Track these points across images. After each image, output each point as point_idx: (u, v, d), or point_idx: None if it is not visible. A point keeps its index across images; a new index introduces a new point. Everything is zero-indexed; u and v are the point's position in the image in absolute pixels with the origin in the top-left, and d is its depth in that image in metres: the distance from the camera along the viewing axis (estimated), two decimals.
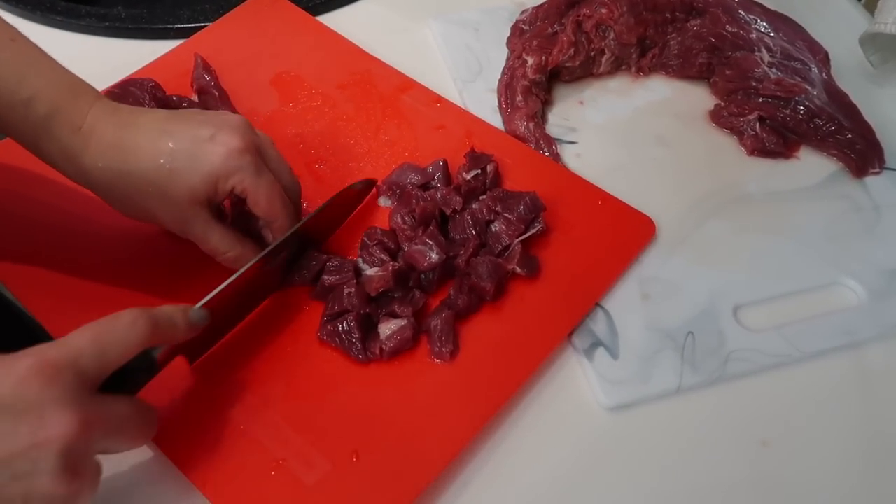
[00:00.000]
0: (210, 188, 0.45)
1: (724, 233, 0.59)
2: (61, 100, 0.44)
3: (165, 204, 0.45)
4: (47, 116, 0.44)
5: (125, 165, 0.44)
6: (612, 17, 0.67)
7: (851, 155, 0.64)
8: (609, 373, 0.51)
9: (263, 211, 0.48)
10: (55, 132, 0.44)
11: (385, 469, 0.45)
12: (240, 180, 0.46)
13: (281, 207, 0.48)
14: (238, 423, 0.46)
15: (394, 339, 0.49)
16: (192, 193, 0.45)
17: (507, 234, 0.53)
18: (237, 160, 0.45)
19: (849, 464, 0.49)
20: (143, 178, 0.44)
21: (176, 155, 0.44)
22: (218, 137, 0.45)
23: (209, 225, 0.47)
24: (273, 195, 0.47)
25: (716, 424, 0.50)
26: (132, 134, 0.45)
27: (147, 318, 0.39)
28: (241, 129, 0.46)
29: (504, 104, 0.65)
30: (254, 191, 0.46)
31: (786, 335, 0.53)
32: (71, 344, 0.36)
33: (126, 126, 0.45)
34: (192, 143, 0.45)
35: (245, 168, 0.45)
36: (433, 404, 0.48)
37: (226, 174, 0.45)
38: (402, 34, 0.73)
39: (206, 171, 0.45)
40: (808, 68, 0.67)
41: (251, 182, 0.46)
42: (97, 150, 0.44)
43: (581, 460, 0.48)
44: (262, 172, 0.47)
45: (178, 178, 0.44)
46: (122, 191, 0.45)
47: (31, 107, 0.43)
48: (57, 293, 0.52)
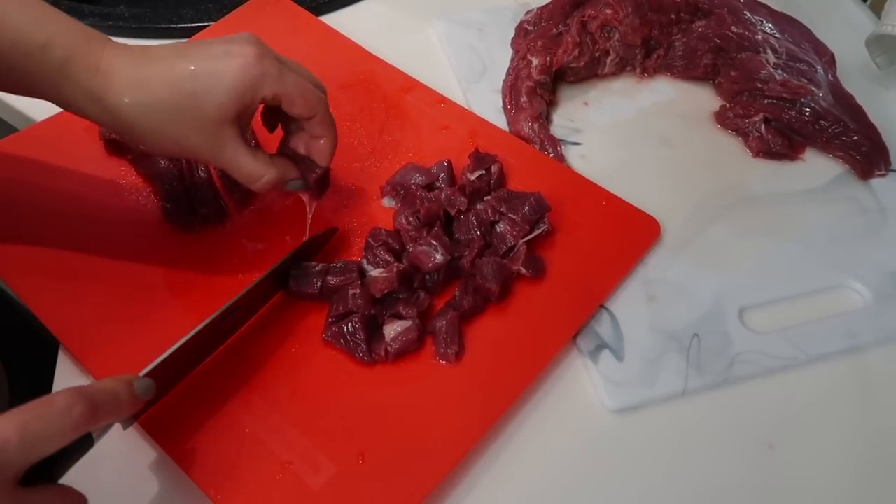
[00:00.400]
0: (238, 102, 0.45)
1: (730, 234, 0.59)
2: (76, 43, 0.44)
3: (195, 128, 0.45)
4: (65, 60, 0.43)
5: (150, 96, 0.44)
6: (616, 18, 0.67)
7: (857, 157, 0.64)
8: (614, 375, 0.51)
9: (300, 107, 0.47)
10: (75, 75, 0.44)
11: (391, 471, 0.45)
12: (268, 86, 0.45)
13: (316, 100, 0.47)
14: (244, 426, 0.46)
15: (399, 341, 0.48)
16: (220, 111, 0.45)
17: (511, 234, 0.53)
18: (258, 67, 0.45)
19: (854, 467, 0.49)
20: (169, 106, 0.44)
21: (197, 76, 0.44)
22: (232, 50, 0.45)
23: (240, 147, 0.47)
24: (306, 89, 0.47)
25: (721, 427, 0.50)
26: (150, 66, 0.44)
27: (85, 401, 0.35)
28: (251, 39, 0.46)
29: (508, 105, 0.65)
30: (285, 91, 0.46)
31: (791, 338, 0.53)
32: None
33: (142, 59, 0.45)
34: (210, 61, 0.44)
35: (268, 72, 0.45)
36: (439, 406, 0.47)
37: (251, 83, 0.45)
38: (406, 34, 0.73)
39: (230, 86, 0.44)
40: (813, 70, 0.66)
41: (279, 84, 0.45)
42: (120, 87, 0.44)
43: (586, 462, 0.48)
44: (285, 73, 0.46)
45: (204, 98, 0.44)
46: (151, 123, 0.45)
47: (49, 52, 0.43)
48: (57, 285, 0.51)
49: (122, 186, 0.57)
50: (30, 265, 0.52)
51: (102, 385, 0.38)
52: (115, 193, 0.57)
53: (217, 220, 0.55)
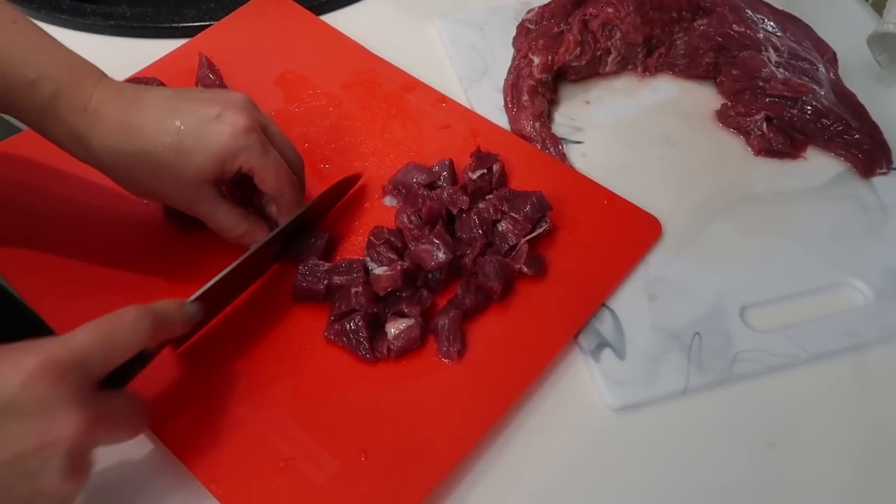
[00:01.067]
0: (217, 167, 0.46)
1: (731, 233, 0.59)
2: (66, 80, 0.44)
3: (173, 183, 0.46)
4: (52, 98, 0.44)
5: (132, 146, 0.45)
6: (618, 17, 0.66)
7: (859, 155, 0.64)
8: (615, 373, 0.51)
9: (271, 187, 0.49)
10: (61, 113, 0.44)
11: (393, 468, 0.45)
12: (247, 159, 0.46)
13: (287, 183, 0.49)
14: (247, 423, 0.46)
15: (401, 339, 0.49)
16: (199, 173, 0.46)
17: (513, 233, 0.53)
18: (244, 139, 0.46)
19: (855, 465, 0.49)
20: (151, 158, 0.45)
21: (183, 135, 0.45)
22: (224, 116, 0.45)
23: (216, 203, 0.48)
24: (280, 172, 0.48)
25: (722, 425, 0.50)
26: (138, 113, 0.45)
27: (150, 316, 0.39)
28: (245, 108, 0.47)
29: (510, 104, 0.65)
30: (261, 168, 0.47)
31: (793, 336, 0.53)
32: (78, 343, 0.36)
33: (132, 105, 0.45)
34: (199, 123, 0.45)
35: (252, 146, 0.46)
36: (441, 404, 0.48)
37: (233, 154, 0.46)
38: (407, 33, 0.73)
39: (213, 151, 0.45)
40: (815, 68, 0.66)
41: (258, 160, 0.47)
42: (104, 131, 0.44)
43: (587, 461, 0.48)
44: (268, 150, 0.47)
45: (186, 157, 0.45)
46: (130, 170, 0.46)
47: (37, 88, 0.43)
48: (59, 285, 0.52)
49: None
50: (33, 266, 0.53)
51: (158, 306, 0.41)
52: (117, 194, 0.57)
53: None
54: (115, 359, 0.38)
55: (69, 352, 0.35)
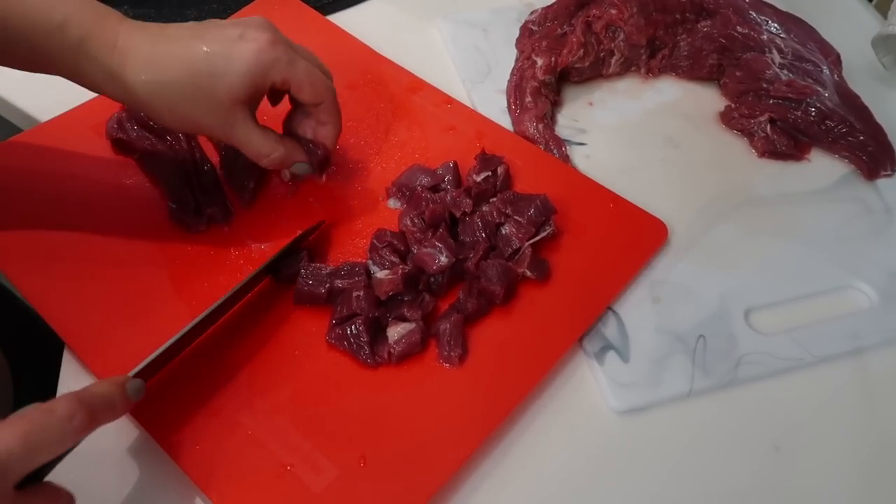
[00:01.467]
0: (249, 84, 0.46)
1: (735, 235, 0.59)
2: (92, 21, 0.45)
3: (208, 108, 0.47)
4: (82, 39, 0.44)
5: (165, 75, 0.45)
6: (621, 18, 0.66)
7: (863, 157, 0.63)
8: (620, 376, 0.50)
9: (308, 94, 0.49)
10: (93, 53, 0.45)
11: (393, 475, 0.45)
12: (278, 71, 0.47)
13: (324, 88, 0.49)
14: (246, 428, 0.46)
15: (402, 343, 0.48)
16: (232, 92, 0.46)
17: (517, 237, 0.53)
18: (271, 53, 0.46)
19: (860, 468, 0.49)
20: (184, 85, 0.46)
21: (212, 58, 0.45)
22: (247, 34, 0.46)
23: (250, 126, 0.49)
24: (314, 77, 0.49)
25: (727, 428, 0.50)
26: (166, 44, 0.46)
27: (85, 410, 0.35)
28: (265, 25, 0.48)
29: (513, 105, 0.65)
30: (295, 77, 0.48)
31: (797, 339, 0.53)
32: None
33: (158, 38, 0.46)
34: (224, 45, 0.46)
35: (280, 58, 0.47)
36: (442, 409, 0.47)
37: (263, 69, 0.46)
38: (411, 34, 0.72)
39: (243, 70, 0.46)
40: (819, 70, 0.66)
41: (289, 70, 0.47)
42: (137, 65, 0.45)
43: (591, 464, 0.48)
44: (296, 59, 0.48)
45: (218, 79, 0.46)
46: (166, 101, 0.46)
47: (66, 31, 0.44)
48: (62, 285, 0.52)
49: (128, 186, 0.57)
50: (35, 264, 0.53)
51: (98, 389, 0.38)
52: (121, 193, 0.57)
53: (222, 220, 0.55)
54: (40, 458, 0.34)
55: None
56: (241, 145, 0.49)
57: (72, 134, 0.59)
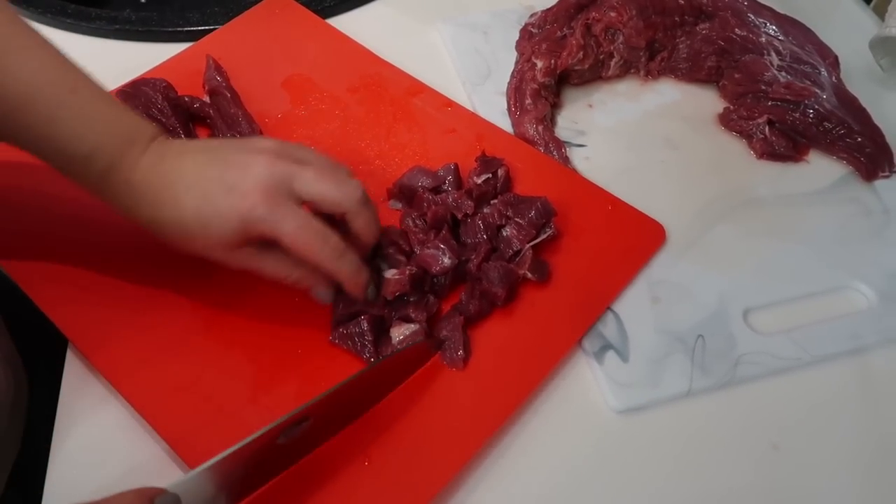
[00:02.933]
0: (240, 237, 0.46)
1: (734, 236, 0.59)
2: (118, 153, 0.45)
3: (211, 246, 0.47)
4: (105, 171, 0.45)
5: (167, 214, 0.45)
6: (621, 21, 0.67)
7: (861, 158, 0.64)
8: (619, 376, 0.51)
9: (300, 255, 0.46)
10: (112, 185, 0.46)
11: (396, 474, 0.45)
12: (265, 229, 0.45)
13: (319, 245, 0.46)
14: (251, 426, 0.46)
15: (406, 344, 0.49)
16: (227, 240, 0.46)
17: (518, 238, 0.53)
18: (256, 211, 0.45)
19: (860, 468, 0.49)
20: (185, 226, 0.46)
21: (203, 209, 0.45)
22: (238, 188, 0.45)
23: (260, 257, 0.48)
24: (304, 236, 0.46)
25: (726, 428, 0.50)
26: (174, 181, 0.46)
27: None
28: (262, 174, 0.45)
29: (513, 107, 0.65)
30: (280, 237, 0.46)
31: (796, 339, 0.53)
32: None
33: (170, 172, 0.46)
34: (217, 196, 0.45)
35: (266, 218, 0.45)
36: (444, 409, 0.48)
37: (250, 225, 0.45)
38: (411, 37, 0.73)
39: (232, 225, 0.45)
40: (817, 72, 0.67)
41: (276, 229, 0.45)
42: (147, 199, 0.46)
43: (591, 463, 0.48)
44: (286, 217, 0.45)
45: (210, 227, 0.45)
46: (172, 235, 0.47)
47: (91, 162, 0.45)
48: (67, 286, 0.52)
49: None
50: (39, 263, 0.53)
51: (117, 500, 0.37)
52: None
53: None
54: None
55: None
56: (259, 273, 0.48)
57: None
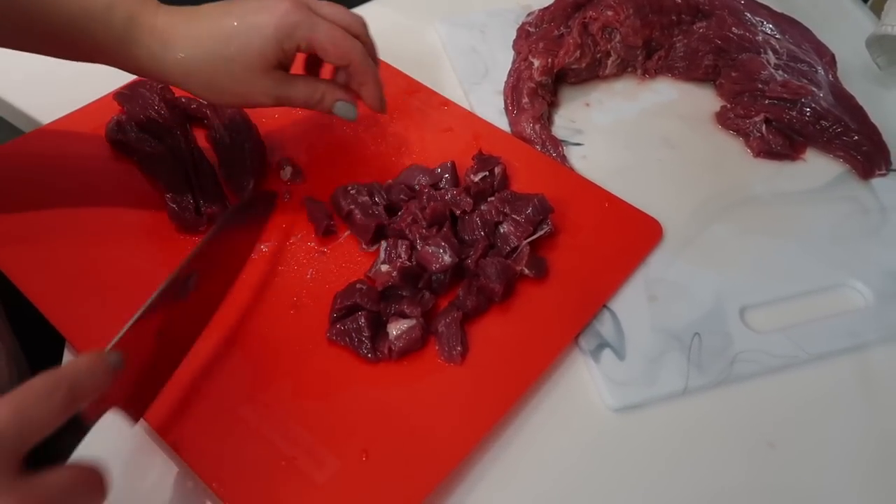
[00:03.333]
0: (277, 49, 0.49)
1: (731, 234, 0.60)
2: (134, 4, 0.48)
3: (244, 77, 0.49)
4: (128, 21, 0.48)
5: (202, 51, 0.48)
6: (618, 20, 0.67)
7: (858, 157, 0.64)
8: (615, 374, 0.51)
9: (334, 56, 0.51)
10: (137, 35, 0.48)
11: (394, 468, 0.45)
12: (301, 36, 0.49)
13: (349, 46, 0.51)
14: (248, 422, 0.46)
15: (403, 339, 0.49)
16: (263, 59, 0.49)
17: (515, 235, 0.54)
18: (290, 17, 0.49)
19: (856, 465, 0.49)
20: (219, 58, 0.49)
21: (240, 30, 0.48)
22: (268, 4, 0.49)
23: (290, 81, 0.51)
24: (336, 37, 0.50)
25: (722, 426, 0.50)
26: (199, 22, 0.49)
27: (64, 383, 0.35)
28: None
29: (510, 106, 0.65)
30: (317, 40, 0.50)
31: (792, 337, 0.53)
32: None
33: (191, 18, 0.49)
34: (248, 16, 0.49)
35: (300, 22, 0.49)
36: (442, 404, 0.48)
37: (285, 33, 0.49)
38: (409, 36, 0.73)
39: (267, 36, 0.48)
40: (814, 70, 0.67)
41: (311, 33, 0.49)
42: (176, 45, 0.48)
43: (587, 461, 0.48)
44: (317, 23, 0.50)
45: (248, 48, 0.48)
46: (208, 76, 0.49)
47: (112, 13, 0.47)
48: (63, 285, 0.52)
49: (127, 187, 0.58)
50: (37, 264, 0.53)
51: (76, 364, 0.37)
52: (120, 194, 0.57)
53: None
54: (34, 435, 0.33)
55: None
56: (289, 101, 0.52)
57: (72, 136, 0.60)
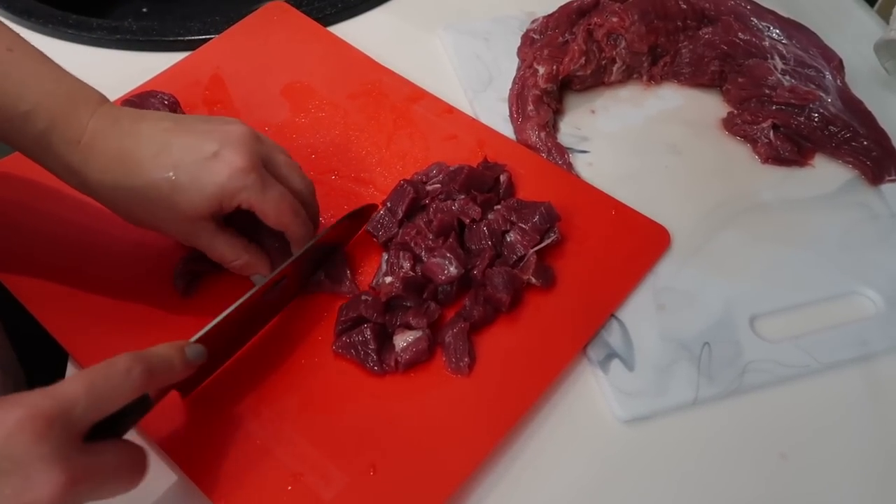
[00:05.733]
0: (214, 206, 0.45)
1: (739, 242, 0.59)
2: (59, 112, 0.43)
3: (169, 217, 0.45)
4: (46, 131, 0.43)
5: (127, 180, 0.44)
6: (623, 26, 0.66)
7: (867, 162, 0.63)
8: (624, 384, 0.50)
9: (273, 223, 0.48)
10: (54, 146, 0.44)
11: (402, 483, 0.45)
12: (245, 198, 0.45)
13: (292, 217, 0.48)
14: (255, 438, 0.46)
15: (409, 351, 0.48)
16: (195, 210, 0.45)
17: (522, 244, 0.53)
18: (241, 179, 0.45)
19: (867, 476, 0.48)
20: (146, 193, 0.44)
21: (179, 172, 0.44)
22: (222, 155, 0.44)
23: (214, 235, 0.47)
24: (281, 207, 0.47)
25: (733, 437, 0.50)
26: (134, 146, 0.44)
27: (143, 364, 0.37)
28: (245, 144, 0.45)
29: (515, 114, 0.65)
30: (261, 206, 0.46)
31: (803, 345, 0.53)
32: (64, 394, 0.34)
33: (127, 137, 0.44)
34: (196, 161, 0.44)
35: (249, 186, 0.45)
36: (449, 417, 0.47)
37: (230, 194, 0.45)
38: (413, 44, 0.73)
39: (210, 191, 0.44)
40: (821, 75, 0.66)
41: (257, 198, 0.46)
42: (99, 164, 0.44)
43: (597, 473, 0.48)
44: (267, 187, 0.46)
45: (182, 194, 0.44)
46: (126, 203, 0.45)
47: (30, 121, 0.43)
48: (70, 305, 0.52)
49: None
50: (37, 275, 0.53)
51: (156, 350, 0.40)
52: None
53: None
54: (105, 409, 0.36)
55: (53, 404, 0.33)
56: (205, 251, 0.48)
57: None
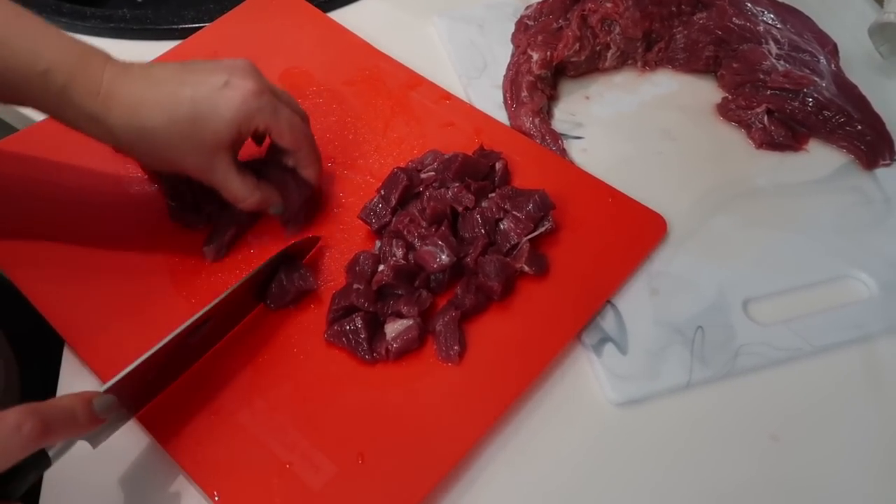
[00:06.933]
0: (233, 131, 0.48)
1: (733, 227, 0.59)
2: (76, 67, 0.45)
3: (190, 152, 0.48)
4: (65, 86, 0.45)
5: (149, 121, 0.46)
6: (617, 12, 0.66)
7: (861, 147, 0.63)
8: (618, 368, 0.51)
9: (288, 142, 0.51)
10: (76, 99, 0.45)
11: (391, 471, 0.45)
12: (262, 119, 0.48)
13: (303, 137, 0.52)
14: (245, 427, 0.46)
15: (400, 340, 0.48)
16: (216, 139, 0.48)
17: (515, 232, 0.53)
18: (255, 102, 0.48)
19: (859, 458, 0.49)
20: (168, 131, 0.47)
21: (197, 104, 0.46)
22: (233, 83, 0.47)
23: (231, 170, 0.50)
24: (294, 126, 0.51)
25: (725, 419, 0.50)
26: (150, 89, 0.46)
27: (36, 418, 0.34)
28: (251, 72, 0.49)
29: (509, 100, 0.65)
30: (276, 126, 0.49)
31: (796, 329, 0.53)
32: None
33: (142, 82, 0.47)
34: (210, 92, 0.47)
35: (264, 108, 0.48)
36: (440, 405, 0.48)
37: (247, 116, 0.48)
38: (407, 31, 0.73)
39: (228, 116, 0.47)
40: (816, 60, 0.66)
41: (272, 119, 0.49)
42: (120, 110, 0.46)
43: (590, 456, 0.48)
44: (279, 108, 0.49)
45: (202, 125, 0.47)
46: (149, 145, 0.47)
47: (49, 78, 0.45)
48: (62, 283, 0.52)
49: (127, 185, 0.58)
50: (35, 262, 0.53)
51: (58, 402, 0.37)
52: (120, 192, 0.57)
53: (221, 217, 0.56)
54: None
55: None
56: (221, 188, 0.51)
57: (72, 132, 0.59)
